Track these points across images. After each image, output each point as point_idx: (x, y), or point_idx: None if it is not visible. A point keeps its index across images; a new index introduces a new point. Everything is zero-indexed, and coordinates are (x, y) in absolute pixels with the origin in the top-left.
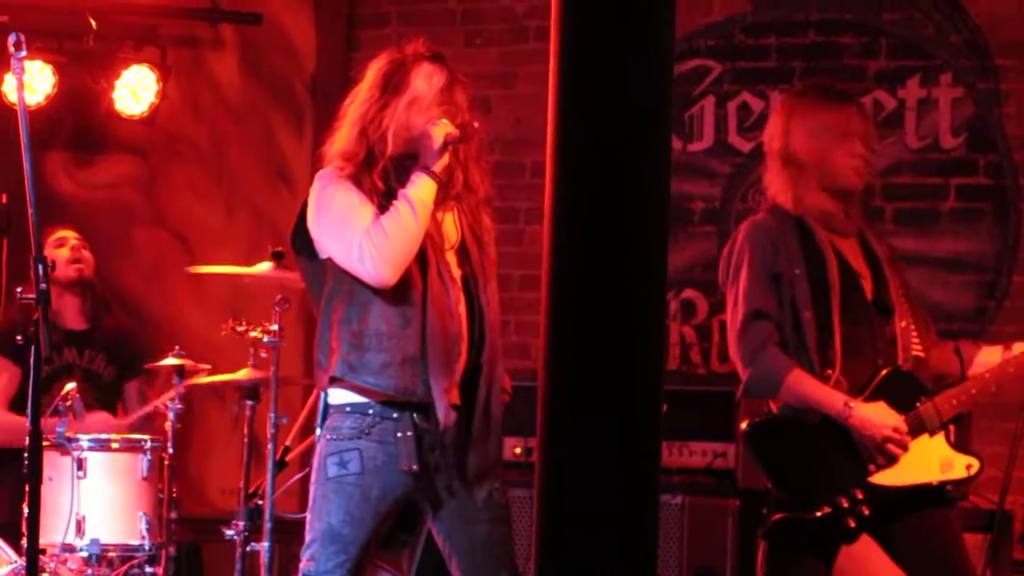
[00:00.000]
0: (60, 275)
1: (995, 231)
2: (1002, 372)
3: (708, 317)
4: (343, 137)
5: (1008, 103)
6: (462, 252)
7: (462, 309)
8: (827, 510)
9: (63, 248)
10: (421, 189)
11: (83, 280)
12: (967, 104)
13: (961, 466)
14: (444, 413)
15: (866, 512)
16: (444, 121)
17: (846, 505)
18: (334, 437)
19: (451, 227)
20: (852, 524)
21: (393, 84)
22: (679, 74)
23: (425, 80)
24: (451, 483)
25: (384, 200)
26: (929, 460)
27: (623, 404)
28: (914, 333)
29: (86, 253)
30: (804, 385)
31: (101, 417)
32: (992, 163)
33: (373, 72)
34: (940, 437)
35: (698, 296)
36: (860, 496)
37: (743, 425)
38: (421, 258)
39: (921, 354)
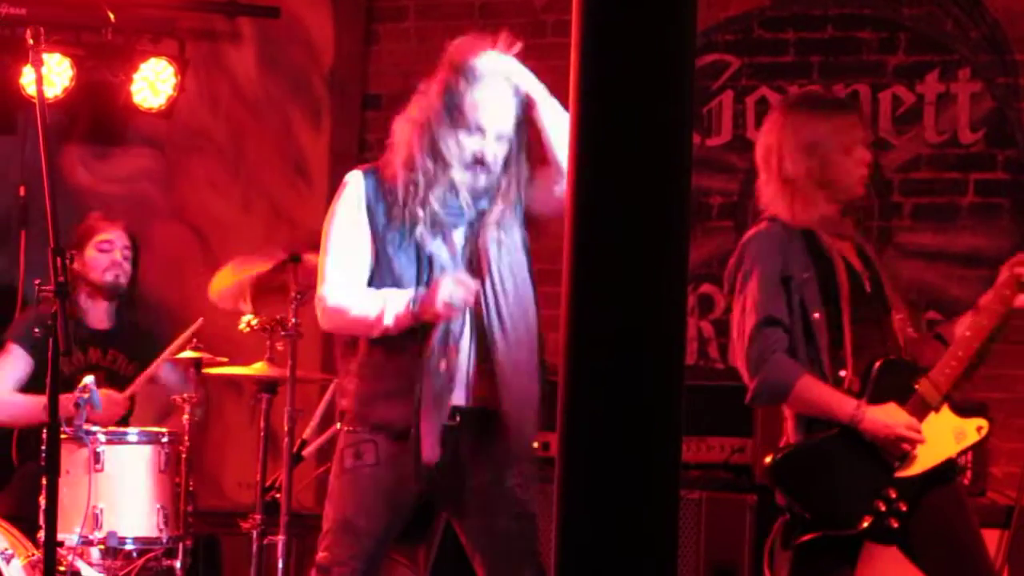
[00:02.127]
0: (95, 278)
1: (1013, 226)
2: (976, 322)
3: (726, 312)
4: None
5: None
6: (472, 266)
7: (466, 338)
8: (869, 519)
9: (105, 254)
10: (401, 318)
11: (116, 287)
12: (986, 99)
13: (972, 430)
14: (429, 450)
15: (904, 508)
16: (460, 289)
17: (884, 508)
18: (352, 429)
19: (461, 243)
20: (895, 524)
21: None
22: (697, 69)
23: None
24: (470, 479)
25: (412, 224)
26: (943, 435)
27: (642, 399)
28: (908, 321)
29: (127, 265)
30: (813, 391)
31: (105, 393)
32: (1011, 158)
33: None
34: (945, 410)
35: (716, 291)
36: (894, 495)
37: (766, 460)
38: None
39: (914, 334)
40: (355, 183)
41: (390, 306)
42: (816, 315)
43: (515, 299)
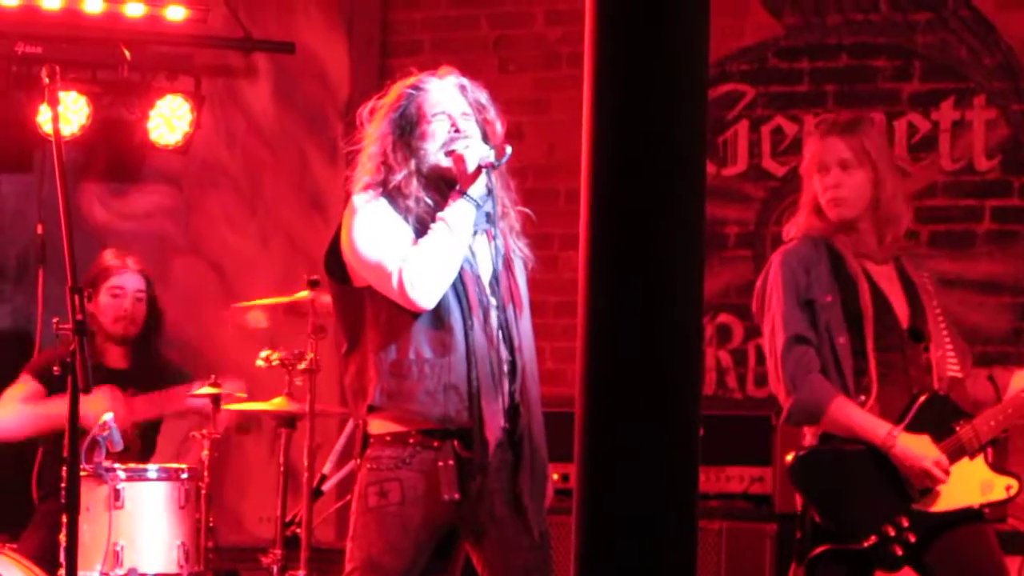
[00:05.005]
0: (107, 327)
1: None
2: None
3: (744, 341)
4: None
5: None
6: (494, 280)
7: (498, 335)
8: (874, 539)
9: (117, 300)
10: (458, 212)
11: (127, 337)
12: (1001, 126)
13: (1001, 487)
14: (493, 436)
15: (912, 539)
16: (478, 145)
17: (892, 534)
18: (374, 467)
19: (484, 254)
20: (899, 552)
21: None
22: (712, 99)
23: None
24: (492, 510)
25: (423, 220)
26: (970, 483)
27: (660, 430)
28: (951, 358)
29: (140, 309)
30: (847, 413)
31: (104, 392)
32: None
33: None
34: (979, 459)
35: (734, 321)
36: (906, 524)
37: (788, 457)
38: (460, 284)
39: (958, 374)
40: (373, 200)
41: (449, 220)
42: (841, 339)
43: (528, 320)
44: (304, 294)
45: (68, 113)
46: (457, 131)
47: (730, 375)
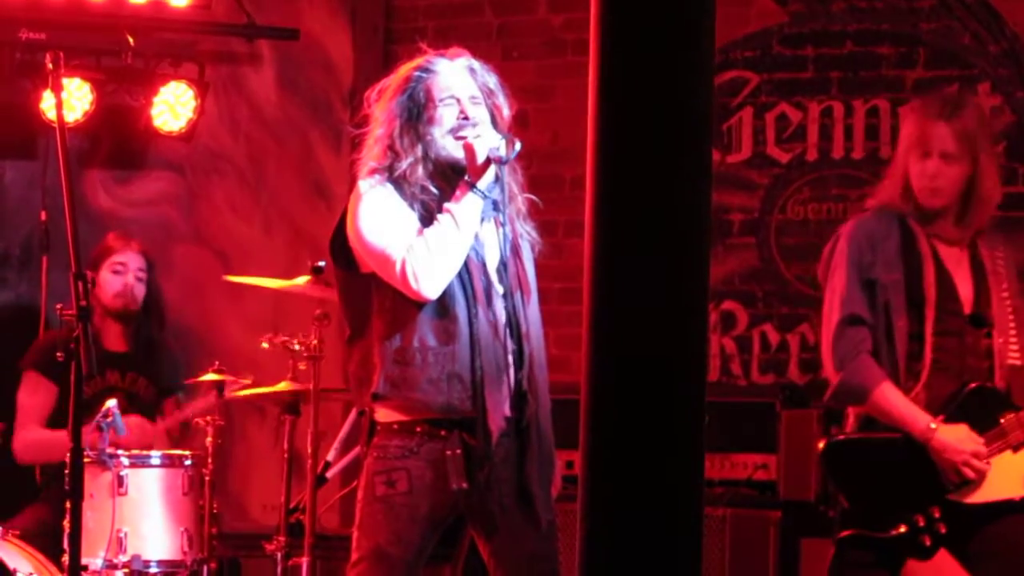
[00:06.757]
0: (107, 302)
1: None
2: None
3: (748, 328)
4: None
5: None
6: (502, 267)
7: (504, 323)
8: (903, 529)
9: (118, 276)
10: (465, 204)
11: (128, 312)
12: (1005, 113)
13: None
14: (496, 426)
15: (943, 530)
16: (489, 135)
17: (922, 524)
18: (381, 456)
19: (492, 241)
20: (928, 543)
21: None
22: (716, 86)
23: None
24: (500, 499)
25: (428, 207)
26: (1012, 475)
27: (665, 417)
28: (1013, 345)
29: (140, 288)
30: (890, 400)
31: (136, 422)
32: None
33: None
34: None
35: (738, 308)
36: (937, 515)
37: (820, 445)
38: (465, 272)
39: (1017, 362)
40: (379, 185)
41: (456, 212)
42: (900, 323)
43: (536, 307)
44: (307, 279)
45: (72, 100)
46: (466, 118)
47: (734, 362)
